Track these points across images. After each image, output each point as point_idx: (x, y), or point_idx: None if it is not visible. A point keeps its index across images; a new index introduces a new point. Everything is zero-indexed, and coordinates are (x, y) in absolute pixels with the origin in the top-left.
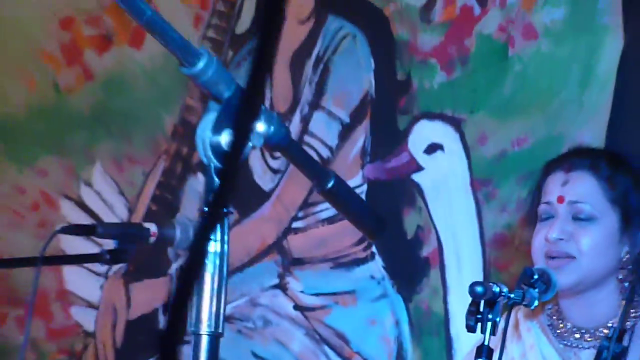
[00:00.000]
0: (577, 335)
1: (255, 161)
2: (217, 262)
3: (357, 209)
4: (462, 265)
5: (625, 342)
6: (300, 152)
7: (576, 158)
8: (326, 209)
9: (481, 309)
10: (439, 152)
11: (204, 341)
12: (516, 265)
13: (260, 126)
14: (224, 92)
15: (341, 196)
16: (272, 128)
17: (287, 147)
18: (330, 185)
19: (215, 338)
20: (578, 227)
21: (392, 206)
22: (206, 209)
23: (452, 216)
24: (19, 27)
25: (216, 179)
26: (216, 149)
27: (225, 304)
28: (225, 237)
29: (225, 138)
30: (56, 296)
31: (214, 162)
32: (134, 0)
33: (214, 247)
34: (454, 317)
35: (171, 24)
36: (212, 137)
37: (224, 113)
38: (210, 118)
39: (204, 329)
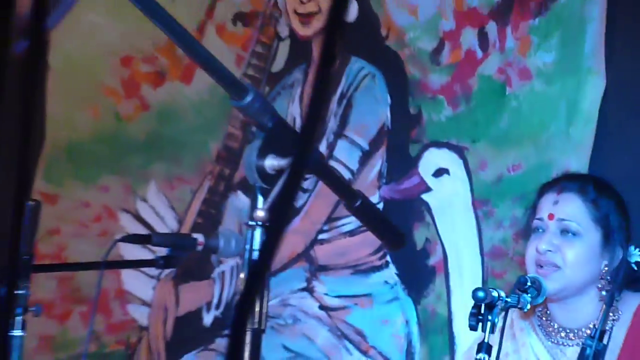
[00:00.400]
0: (563, 335)
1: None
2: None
3: (381, 224)
4: (464, 273)
5: (604, 341)
6: (333, 175)
7: (567, 182)
8: (348, 223)
9: (482, 311)
10: (445, 176)
11: (249, 335)
12: (510, 274)
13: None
14: (268, 122)
15: (367, 213)
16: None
17: (322, 170)
18: (358, 203)
19: (258, 333)
20: (565, 241)
21: (404, 222)
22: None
23: (455, 231)
24: (85, 64)
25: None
26: (261, 171)
27: (267, 303)
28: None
29: (268, 162)
30: (115, 295)
31: (259, 183)
32: (193, 43)
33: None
34: (456, 318)
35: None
36: (257, 161)
37: (268, 140)
38: (255, 145)
39: (249, 325)
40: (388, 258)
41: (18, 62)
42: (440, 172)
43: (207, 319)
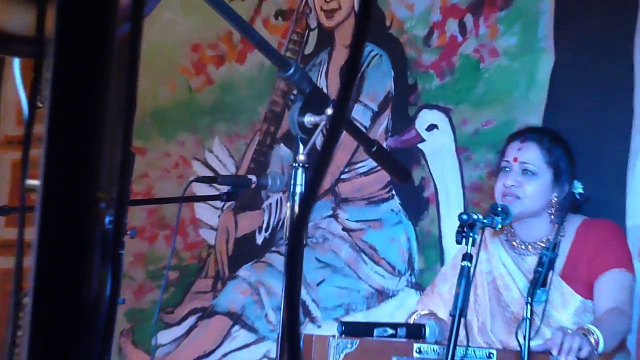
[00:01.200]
0: (523, 247)
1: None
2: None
3: (392, 164)
4: (450, 203)
5: (556, 251)
6: (357, 129)
7: (528, 133)
8: (363, 166)
9: (465, 230)
10: (435, 130)
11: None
12: (485, 203)
13: (329, 110)
14: (306, 88)
15: (381, 156)
16: None
17: (349, 125)
18: (374, 149)
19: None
20: (525, 178)
21: (405, 164)
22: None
23: (443, 171)
24: (165, 49)
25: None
26: (301, 125)
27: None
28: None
29: (307, 118)
30: (190, 222)
31: (300, 134)
32: (250, 30)
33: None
34: (445, 236)
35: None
36: (298, 118)
37: (306, 102)
38: (297, 105)
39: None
40: (393, 192)
41: (121, 43)
42: (431, 127)
43: (259, 239)
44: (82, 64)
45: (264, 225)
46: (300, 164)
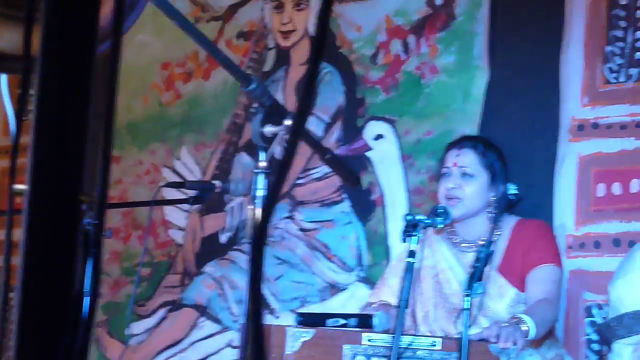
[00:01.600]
0: (464, 245)
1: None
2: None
3: (344, 170)
4: (395, 205)
5: (492, 248)
6: (312, 138)
7: (465, 141)
8: (317, 172)
9: (410, 229)
10: (381, 139)
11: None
12: (426, 205)
13: (288, 121)
14: (267, 101)
15: (334, 162)
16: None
17: (305, 133)
18: (328, 156)
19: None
20: (464, 181)
21: (355, 170)
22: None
23: (389, 176)
24: (137, 68)
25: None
26: (262, 135)
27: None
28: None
29: (267, 129)
30: (160, 223)
31: (261, 143)
32: (215, 49)
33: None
34: (390, 235)
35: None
36: (259, 128)
37: (266, 114)
38: (258, 117)
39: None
40: (344, 195)
41: (101, 60)
42: (378, 137)
43: (223, 238)
44: (66, 79)
45: (227, 226)
46: (261, 170)
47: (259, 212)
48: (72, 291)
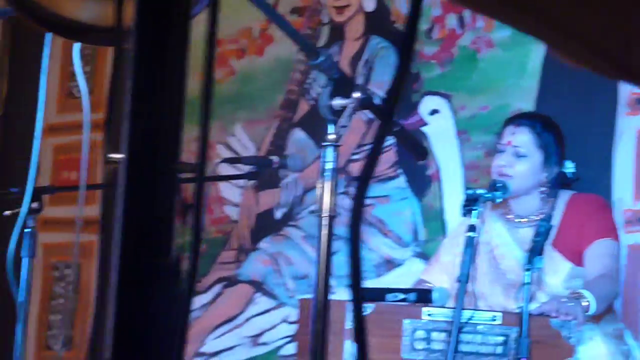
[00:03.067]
0: (517, 220)
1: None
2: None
3: (413, 142)
4: (451, 180)
5: (551, 222)
6: (380, 110)
7: (523, 119)
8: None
9: (469, 204)
10: (437, 114)
11: (325, 221)
12: (481, 180)
13: (356, 94)
14: (334, 74)
15: (404, 135)
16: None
17: (373, 107)
18: (398, 129)
19: (333, 218)
20: (516, 160)
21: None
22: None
23: (444, 151)
24: (191, 45)
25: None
26: (330, 108)
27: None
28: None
29: (335, 102)
30: (216, 200)
31: (330, 116)
32: (286, 24)
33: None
34: (447, 210)
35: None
36: (328, 101)
37: (335, 87)
38: (327, 91)
39: (326, 214)
40: (399, 170)
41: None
42: (433, 112)
43: (278, 214)
44: (162, 46)
45: (282, 202)
46: (330, 143)
47: (327, 184)
48: (172, 259)
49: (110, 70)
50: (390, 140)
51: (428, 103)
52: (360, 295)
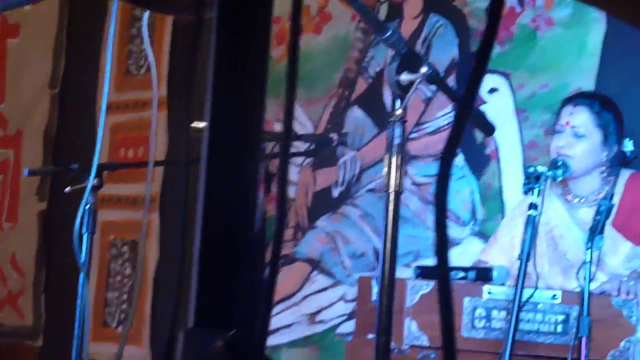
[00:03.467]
0: (577, 200)
1: (388, 98)
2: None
3: (480, 118)
4: (510, 159)
5: (612, 201)
6: (447, 86)
7: (581, 98)
8: (430, 126)
9: (531, 182)
10: (496, 93)
11: (392, 197)
12: (540, 159)
13: (424, 68)
14: (402, 49)
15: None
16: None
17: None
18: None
19: (399, 195)
20: (575, 140)
21: (468, 126)
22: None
23: (503, 130)
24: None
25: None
26: (398, 83)
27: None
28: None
29: (403, 77)
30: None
31: (397, 91)
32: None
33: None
34: (505, 189)
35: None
36: (395, 76)
37: (402, 62)
38: (394, 65)
39: (392, 189)
40: (458, 149)
41: None
42: (492, 90)
43: (335, 193)
44: (244, 19)
45: (340, 180)
46: (398, 119)
47: (394, 160)
48: (253, 223)
49: (169, 46)
50: (448, 119)
51: (487, 81)
52: (447, 271)
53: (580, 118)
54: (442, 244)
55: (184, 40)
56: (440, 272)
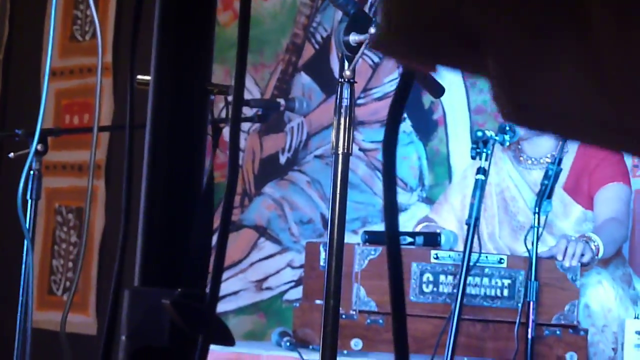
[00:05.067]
0: (529, 162)
1: (335, 64)
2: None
3: (429, 79)
4: (457, 124)
5: (561, 166)
6: None
7: None
8: (377, 92)
9: (479, 146)
10: None
11: (341, 158)
12: (488, 124)
13: (372, 29)
14: (351, 10)
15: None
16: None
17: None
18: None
19: (348, 156)
20: None
21: (417, 90)
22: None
23: (450, 95)
24: None
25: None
26: (346, 44)
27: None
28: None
29: (352, 37)
30: (220, 145)
31: (346, 52)
32: None
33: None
34: (452, 154)
35: None
36: (344, 37)
37: (351, 22)
38: (342, 26)
39: (341, 150)
40: (405, 115)
41: None
42: None
43: (282, 159)
44: None
45: (287, 147)
46: (346, 80)
47: (343, 121)
48: (200, 181)
49: (115, 11)
50: (396, 85)
51: None
52: (397, 236)
53: None
54: (392, 208)
55: (129, 3)
56: (390, 238)
